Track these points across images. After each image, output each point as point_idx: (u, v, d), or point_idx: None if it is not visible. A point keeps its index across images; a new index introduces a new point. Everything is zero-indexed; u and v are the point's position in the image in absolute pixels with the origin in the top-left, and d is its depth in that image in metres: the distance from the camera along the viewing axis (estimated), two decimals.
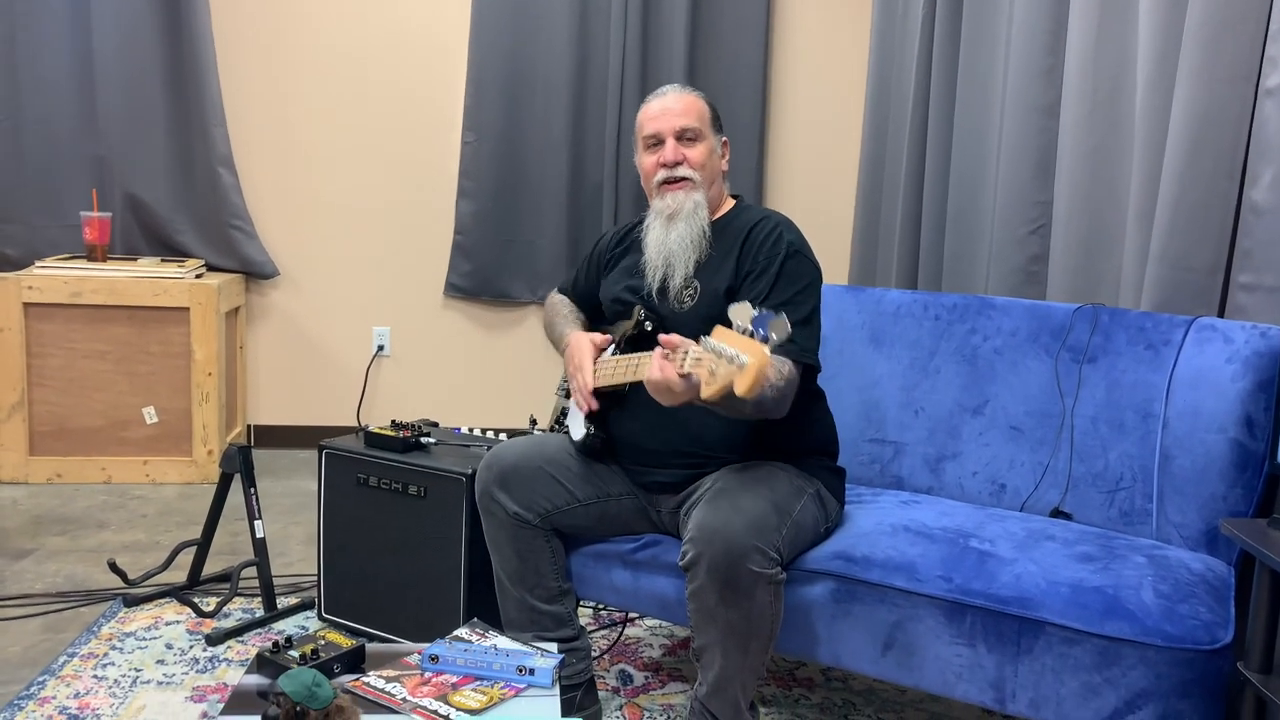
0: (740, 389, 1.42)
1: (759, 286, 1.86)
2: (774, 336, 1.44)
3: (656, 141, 1.97)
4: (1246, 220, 2.09)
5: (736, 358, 1.43)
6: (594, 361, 1.97)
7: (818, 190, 4.10)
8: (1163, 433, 2.00)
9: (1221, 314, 2.18)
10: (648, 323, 1.92)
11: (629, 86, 3.91)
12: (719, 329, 1.53)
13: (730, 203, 2.05)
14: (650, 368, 1.66)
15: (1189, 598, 1.66)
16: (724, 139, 2.04)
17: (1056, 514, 2.10)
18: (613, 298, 2.06)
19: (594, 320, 2.19)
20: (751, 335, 1.46)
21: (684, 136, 1.95)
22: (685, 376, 1.59)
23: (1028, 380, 2.20)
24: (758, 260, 1.89)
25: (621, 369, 1.88)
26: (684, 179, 1.94)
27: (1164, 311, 2.20)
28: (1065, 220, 2.61)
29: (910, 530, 1.90)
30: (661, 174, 1.95)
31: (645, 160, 2.00)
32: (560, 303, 2.25)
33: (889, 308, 2.40)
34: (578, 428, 2.00)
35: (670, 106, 1.97)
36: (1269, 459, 1.83)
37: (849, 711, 2.15)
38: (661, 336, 1.64)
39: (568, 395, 2.17)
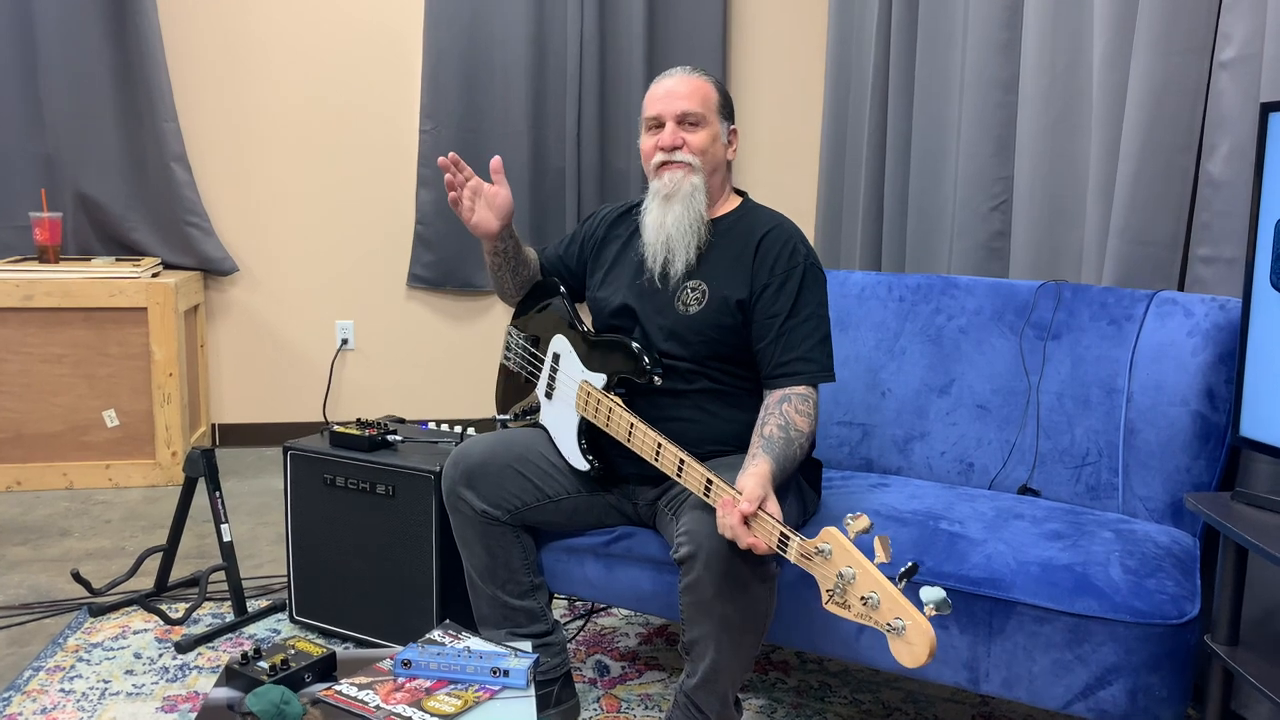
0: (900, 658, 1.35)
1: (779, 303, 1.84)
2: (930, 609, 1.33)
3: (657, 124, 1.91)
4: (1204, 193, 2.10)
5: (896, 623, 1.34)
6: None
7: (779, 173, 4.09)
8: (1127, 407, 2.02)
9: (1181, 287, 2.20)
10: (655, 377, 1.87)
11: (588, 72, 3.87)
12: (831, 533, 1.44)
13: (735, 200, 1.99)
14: (725, 524, 1.57)
15: (1156, 572, 1.68)
16: (733, 127, 1.97)
17: (1024, 491, 2.12)
18: (613, 309, 1.98)
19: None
20: (892, 577, 1.37)
21: (685, 121, 1.89)
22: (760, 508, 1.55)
23: (993, 359, 2.21)
24: (774, 274, 1.86)
25: (644, 444, 1.76)
26: (681, 163, 1.89)
27: (1125, 285, 2.22)
28: (1026, 195, 2.61)
29: (881, 514, 1.91)
30: (659, 157, 1.90)
31: (645, 142, 1.94)
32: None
33: (853, 290, 2.40)
34: (574, 455, 1.93)
35: (675, 89, 1.90)
36: (1230, 431, 1.85)
37: (825, 693, 2.16)
38: (745, 505, 1.55)
39: (528, 381, 2.11)
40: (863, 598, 1.39)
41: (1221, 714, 1.62)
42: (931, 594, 1.32)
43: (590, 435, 1.92)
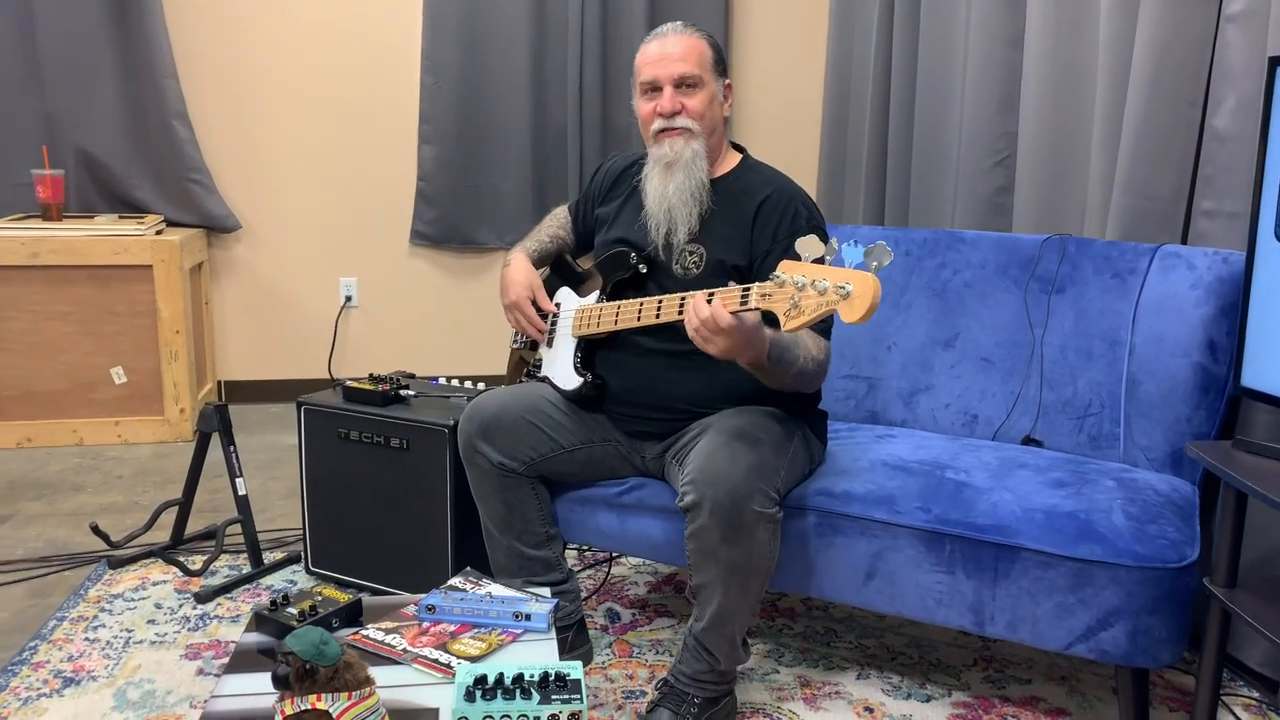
0: (851, 317, 1.40)
1: None
2: (875, 265, 1.40)
3: (654, 88, 1.90)
4: (1209, 147, 2.12)
5: (841, 288, 1.41)
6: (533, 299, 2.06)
7: (782, 127, 4.09)
8: (1129, 359, 2.06)
9: (1184, 241, 2.22)
10: (641, 265, 1.92)
11: (589, 25, 3.85)
12: (786, 263, 1.51)
13: (735, 158, 1.99)
14: (692, 310, 1.60)
15: (1157, 518, 1.72)
16: (727, 81, 1.96)
17: (1028, 441, 2.16)
18: (604, 244, 2.04)
19: (583, 250, 2.20)
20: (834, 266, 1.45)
21: (683, 84, 1.88)
22: (736, 315, 1.57)
23: (997, 312, 2.24)
24: (777, 239, 1.85)
25: (630, 314, 1.85)
26: (681, 129, 1.88)
27: (1128, 239, 2.24)
28: (1030, 151, 2.63)
29: (888, 464, 1.95)
30: (659, 123, 1.89)
31: (642, 107, 1.93)
32: (555, 217, 2.23)
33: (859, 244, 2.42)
34: (567, 377, 2.00)
35: (669, 51, 1.88)
36: (1231, 382, 1.89)
37: (831, 639, 2.22)
38: (702, 292, 1.62)
39: (532, 347, 2.17)
40: (814, 284, 1.44)
41: (1218, 653, 1.68)
42: (870, 248, 1.41)
43: (586, 355, 1.98)
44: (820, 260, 1.49)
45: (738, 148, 2.03)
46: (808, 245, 1.49)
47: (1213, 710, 1.70)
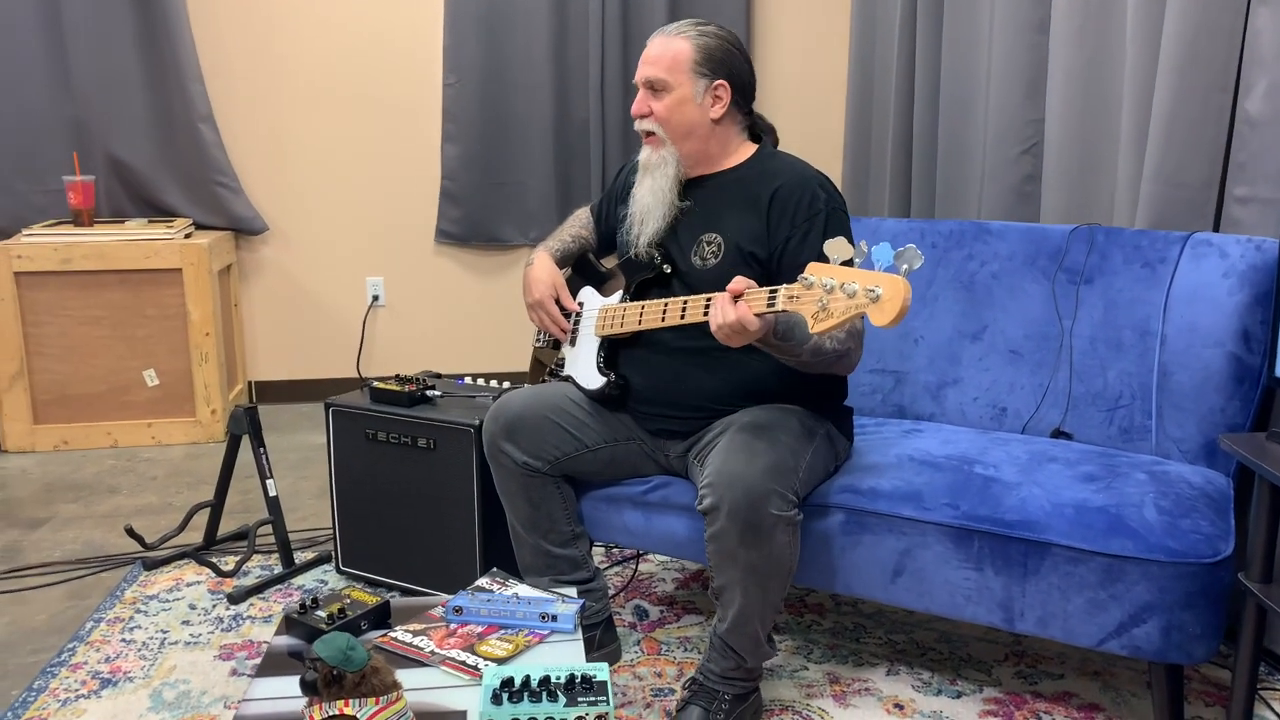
0: (882, 320, 1.40)
1: (805, 255, 1.79)
2: (905, 268, 1.40)
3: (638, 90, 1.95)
4: (1241, 132, 2.09)
5: (871, 291, 1.40)
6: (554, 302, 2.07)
7: (806, 119, 4.06)
8: (1160, 350, 2.03)
9: (1217, 228, 2.19)
10: (665, 265, 1.92)
11: (610, 20, 3.84)
12: (815, 265, 1.51)
13: (749, 149, 1.97)
14: (717, 311, 1.62)
15: (1190, 512, 1.70)
16: (718, 81, 1.90)
17: (1057, 434, 2.13)
18: (625, 242, 2.05)
19: (605, 249, 2.20)
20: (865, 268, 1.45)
21: (653, 87, 1.89)
22: (760, 316, 1.59)
23: (1026, 304, 2.21)
24: (796, 225, 1.84)
25: (654, 314, 1.86)
26: (649, 133, 1.92)
27: (1159, 227, 2.21)
28: (1058, 139, 2.59)
29: (915, 460, 1.94)
30: (635, 124, 1.95)
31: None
32: (577, 218, 2.24)
33: (885, 237, 2.40)
34: (590, 377, 2.00)
35: (648, 54, 1.90)
36: (1266, 372, 1.86)
37: (860, 634, 2.21)
38: (733, 284, 1.62)
39: (555, 346, 2.17)
40: (842, 288, 1.44)
41: (1255, 648, 1.65)
42: (900, 251, 1.40)
43: (609, 355, 1.99)
44: (849, 263, 1.47)
45: (757, 139, 2.01)
46: (836, 248, 1.48)
47: (1249, 705, 1.68)
